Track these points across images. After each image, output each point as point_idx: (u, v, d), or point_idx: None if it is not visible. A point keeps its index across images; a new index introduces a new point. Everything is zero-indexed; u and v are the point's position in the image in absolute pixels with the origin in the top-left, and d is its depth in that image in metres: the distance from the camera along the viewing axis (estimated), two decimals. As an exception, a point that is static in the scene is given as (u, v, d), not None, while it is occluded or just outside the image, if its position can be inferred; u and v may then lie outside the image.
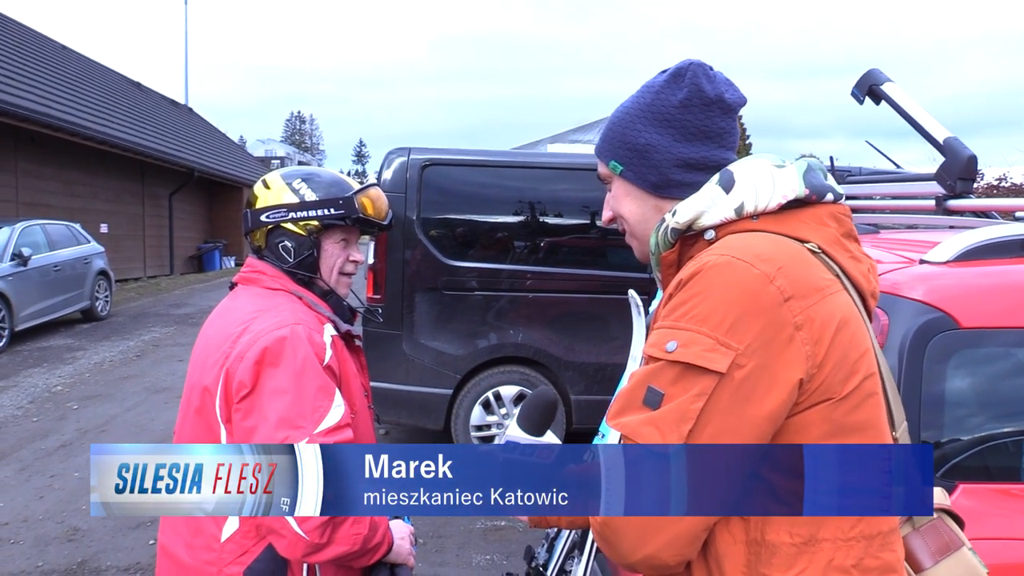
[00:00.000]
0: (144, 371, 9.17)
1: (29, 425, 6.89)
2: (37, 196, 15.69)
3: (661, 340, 1.13)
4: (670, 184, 1.29)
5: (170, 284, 19.92)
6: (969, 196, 2.49)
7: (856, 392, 1.11)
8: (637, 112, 1.31)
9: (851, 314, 1.15)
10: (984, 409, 1.93)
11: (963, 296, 1.89)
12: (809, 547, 1.10)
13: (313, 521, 1.53)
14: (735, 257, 1.12)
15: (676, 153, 1.27)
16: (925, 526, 1.32)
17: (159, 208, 21.84)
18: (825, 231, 1.22)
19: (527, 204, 5.76)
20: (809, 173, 1.23)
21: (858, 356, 1.13)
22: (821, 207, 1.24)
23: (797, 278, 1.10)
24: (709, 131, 1.28)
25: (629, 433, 1.11)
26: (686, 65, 1.29)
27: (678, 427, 1.06)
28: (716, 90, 1.27)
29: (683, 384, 1.08)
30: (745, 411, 1.06)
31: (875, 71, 2.80)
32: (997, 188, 18.96)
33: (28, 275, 10.94)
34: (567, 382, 5.61)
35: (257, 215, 1.86)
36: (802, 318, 1.08)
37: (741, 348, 1.06)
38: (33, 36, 20.66)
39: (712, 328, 1.08)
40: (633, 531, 1.09)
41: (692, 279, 1.13)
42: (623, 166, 1.33)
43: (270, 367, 1.63)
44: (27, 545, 4.48)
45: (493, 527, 4.78)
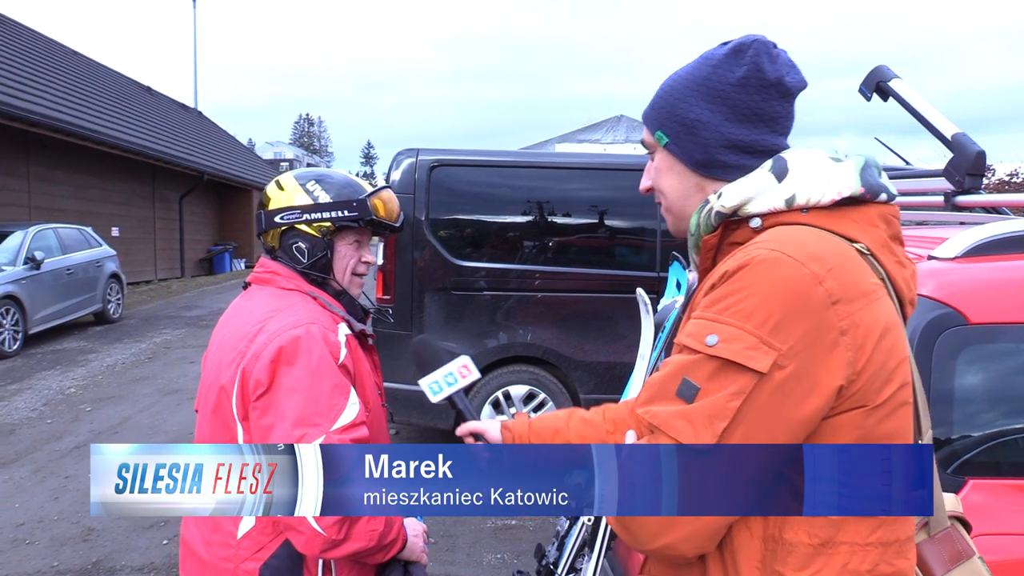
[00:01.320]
0: (156, 373, 9.23)
1: (43, 427, 6.95)
2: (49, 200, 15.81)
3: (701, 332, 1.10)
4: (715, 165, 1.24)
5: (181, 287, 20.02)
6: (978, 192, 2.49)
7: (890, 401, 1.09)
8: (691, 84, 1.24)
9: (893, 321, 1.12)
10: (993, 405, 1.93)
11: (972, 292, 1.89)
12: (826, 549, 1.09)
13: (331, 518, 1.54)
14: (785, 254, 1.08)
15: (726, 133, 1.22)
16: (939, 534, 1.31)
17: (169, 211, 21.96)
18: (875, 232, 1.18)
19: (536, 204, 5.77)
20: (866, 170, 1.19)
21: (896, 365, 1.10)
22: (873, 207, 1.19)
23: (846, 281, 1.07)
24: (764, 114, 1.22)
25: (659, 423, 1.09)
26: (749, 41, 1.23)
27: (712, 424, 1.05)
28: (777, 72, 1.21)
29: (721, 380, 1.06)
30: (781, 413, 1.04)
31: (882, 67, 2.79)
32: (1009, 184, 18.84)
33: (41, 278, 11.03)
34: (576, 381, 5.61)
35: (271, 216, 1.88)
36: (847, 323, 1.05)
37: (784, 349, 1.04)
38: (44, 42, 20.79)
39: (756, 326, 1.05)
40: (655, 520, 1.08)
41: (739, 272, 1.09)
42: (669, 138, 1.27)
43: (286, 365, 1.65)
44: (42, 545, 4.52)
45: (504, 526, 4.79)
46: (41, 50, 19.40)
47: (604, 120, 28.18)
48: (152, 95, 27.32)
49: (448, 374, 1.72)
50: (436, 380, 1.72)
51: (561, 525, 2.92)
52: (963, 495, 1.77)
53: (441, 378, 1.72)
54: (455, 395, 1.73)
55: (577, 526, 2.71)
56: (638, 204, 5.64)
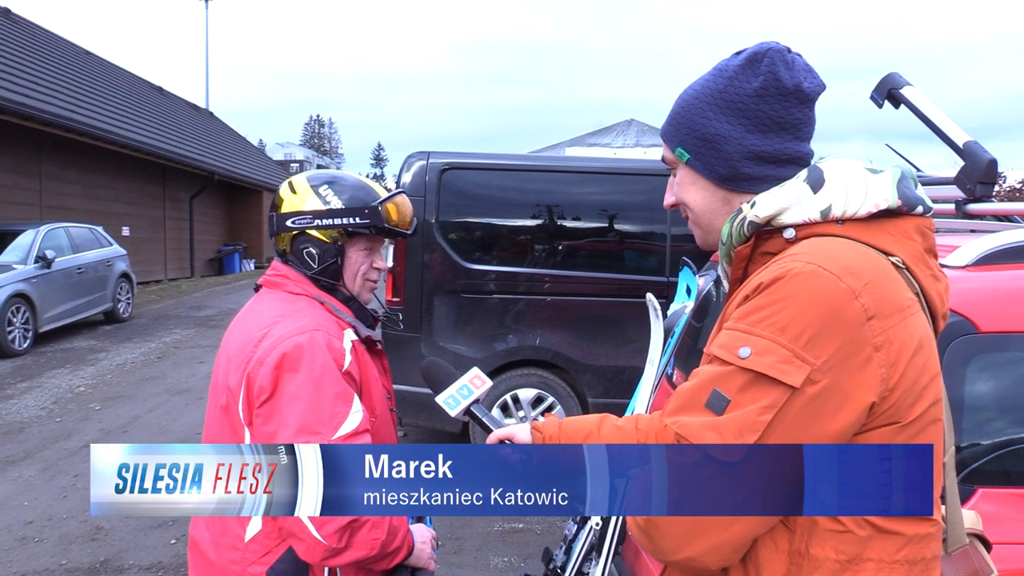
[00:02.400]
0: (165, 372, 9.27)
1: (52, 425, 6.99)
2: (60, 199, 15.91)
3: (734, 344, 1.08)
4: (740, 177, 1.22)
5: (191, 286, 20.10)
6: (989, 200, 2.48)
7: (922, 418, 1.08)
8: (708, 98, 1.23)
9: (927, 337, 1.10)
10: (1004, 414, 1.92)
11: (982, 300, 1.89)
12: (852, 565, 1.07)
13: (332, 526, 1.55)
14: (821, 267, 1.06)
15: (748, 145, 1.20)
16: (957, 552, 1.29)
17: (180, 211, 22.06)
18: (911, 246, 1.15)
19: (546, 207, 5.77)
20: (903, 182, 1.16)
21: (928, 381, 1.09)
22: (909, 219, 1.16)
23: (882, 296, 1.05)
24: (785, 122, 1.20)
25: (688, 435, 1.07)
26: (764, 50, 1.21)
27: (741, 437, 1.03)
28: (794, 79, 1.19)
29: (752, 393, 1.04)
30: (812, 428, 1.03)
31: (894, 75, 2.78)
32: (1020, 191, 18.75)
33: (52, 277, 11.10)
34: (585, 385, 5.61)
35: (283, 219, 1.86)
36: (882, 339, 1.03)
37: (817, 364, 1.02)
38: (57, 42, 20.94)
39: (790, 339, 1.03)
40: (679, 532, 1.07)
41: (774, 284, 1.08)
42: (690, 154, 1.25)
43: (289, 372, 1.65)
44: (51, 544, 4.55)
45: (511, 529, 4.80)
46: (54, 50, 19.53)
47: (615, 124, 28.18)
48: (164, 95, 27.46)
49: (462, 387, 1.71)
50: (452, 395, 1.71)
51: (569, 529, 2.92)
52: (972, 504, 1.76)
53: (456, 392, 1.71)
54: (473, 406, 1.72)
55: (585, 530, 2.71)
56: (648, 208, 5.64)
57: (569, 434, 1.51)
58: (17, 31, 18.10)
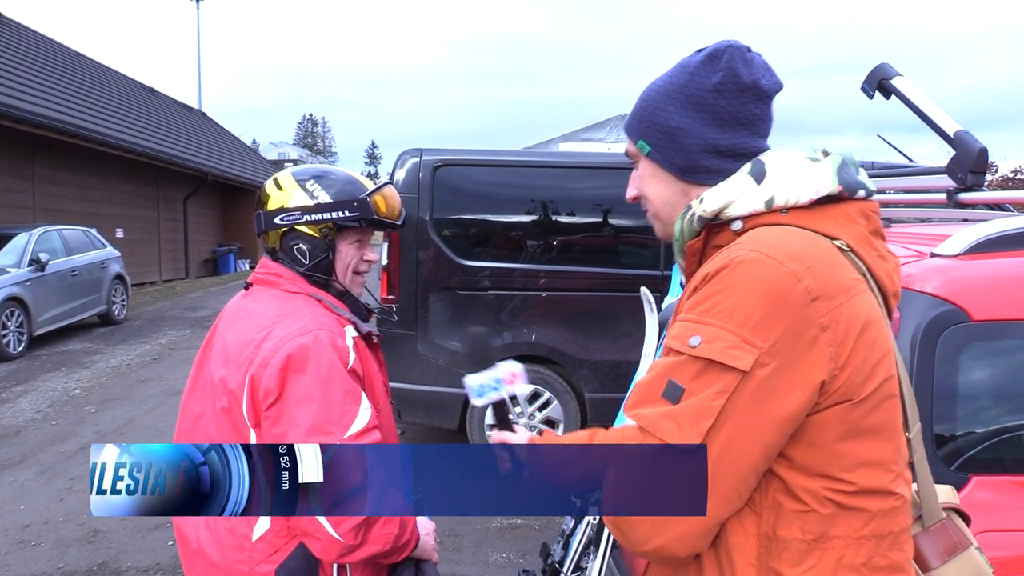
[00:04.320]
0: (161, 374, 9.25)
1: (48, 428, 6.97)
2: (54, 202, 15.85)
3: (684, 334, 1.12)
4: (698, 170, 1.26)
5: (185, 287, 20.06)
6: (980, 189, 2.48)
7: (875, 394, 1.10)
8: (669, 93, 1.27)
9: (875, 315, 1.13)
10: (997, 402, 1.92)
11: (974, 289, 1.89)
12: (820, 544, 1.10)
13: (348, 523, 1.56)
14: (764, 254, 1.10)
15: (706, 138, 1.24)
16: (934, 526, 1.32)
17: (174, 212, 22.00)
18: (854, 228, 1.20)
19: (540, 203, 5.77)
20: (843, 168, 1.21)
21: (879, 358, 1.12)
22: (852, 203, 1.21)
23: (825, 278, 1.09)
24: (742, 117, 1.24)
25: (647, 425, 1.10)
26: (723, 47, 1.25)
27: (697, 423, 1.06)
28: (752, 75, 1.23)
29: (705, 380, 1.08)
30: (765, 410, 1.06)
31: (884, 65, 2.78)
32: (1012, 180, 18.81)
33: (46, 280, 11.06)
34: (581, 380, 5.61)
35: (270, 217, 1.84)
36: (827, 319, 1.07)
37: (765, 347, 1.06)
38: (47, 44, 20.84)
39: (737, 325, 1.07)
40: (647, 522, 1.10)
41: (719, 274, 1.12)
42: (651, 147, 1.29)
43: (296, 374, 1.63)
44: (48, 547, 4.54)
45: (509, 525, 4.80)
46: (45, 52, 19.45)
47: (607, 119, 28.14)
48: (156, 96, 27.38)
49: (496, 379, 1.59)
50: (482, 383, 1.59)
51: (566, 524, 2.92)
52: (967, 492, 1.77)
53: (487, 380, 1.59)
54: (498, 402, 1.60)
55: (582, 525, 2.72)
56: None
57: None
58: (7, 34, 18.02)
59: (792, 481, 1.11)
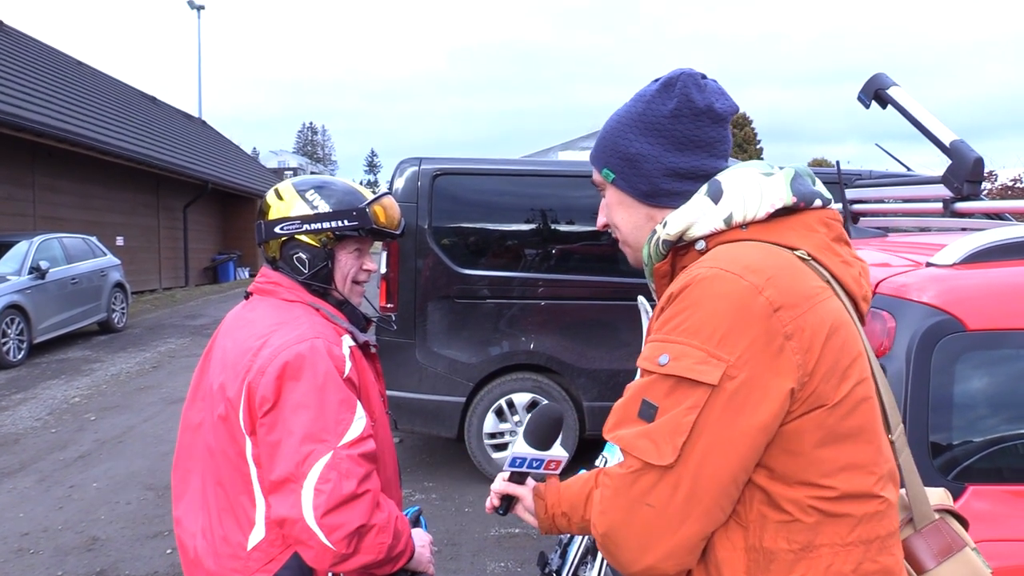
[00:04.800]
0: (160, 382, 9.25)
1: (48, 436, 6.96)
2: (54, 210, 15.87)
3: (653, 353, 1.14)
4: (660, 193, 1.30)
5: (185, 296, 20.06)
6: (977, 199, 2.50)
7: (848, 398, 1.12)
8: (629, 121, 1.31)
9: (842, 320, 1.15)
10: (992, 411, 1.92)
11: (970, 298, 1.89)
12: (807, 553, 1.11)
13: (341, 531, 1.56)
14: (724, 269, 1.12)
15: (666, 163, 1.28)
16: (927, 527, 1.32)
17: (174, 220, 22.02)
18: (814, 237, 1.22)
19: (538, 212, 5.78)
20: (796, 180, 1.24)
21: (849, 362, 1.13)
22: (810, 213, 1.24)
23: (786, 287, 1.11)
24: (699, 140, 1.27)
25: (625, 446, 1.13)
26: (677, 75, 1.29)
27: (672, 439, 1.08)
28: (706, 100, 1.27)
29: (676, 397, 1.09)
30: (738, 422, 1.07)
31: (881, 75, 2.80)
32: (1012, 189, 18.84)
33: (46, 288, 11.07)
34: (579, 389, 5.62)
35: (271, 227, 1.86)
36: (792, 327, 1.08)
37: (732, 359, 1.07)
38: (49, 53, 20.90)
39: (703, 340, 1.09)
40: (633, 542, 1.11)
41: (682, 292, 1.14)
42: (615, 174, 1.33)
43: (292, 381, 1.64)
44: (47, 555, 4.53)
45: (507, 534, 4.79)
46: (47, 61, 19.50)
47: (607, 127, 28.19)
48: (156, 105, 27.43)
49: (539, 460, 1.54)
50: (526, 458, 1.54)
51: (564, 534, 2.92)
52: (963, 502, 1.77)
53: (531, 458, 1.54)
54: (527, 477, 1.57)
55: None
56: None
57: (569, 500, 1.49)
58: (9, 43, 18.07)
59: (774, 492, 1.12)
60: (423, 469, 6.03)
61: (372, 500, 1.61)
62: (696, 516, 1.09)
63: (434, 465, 6.14)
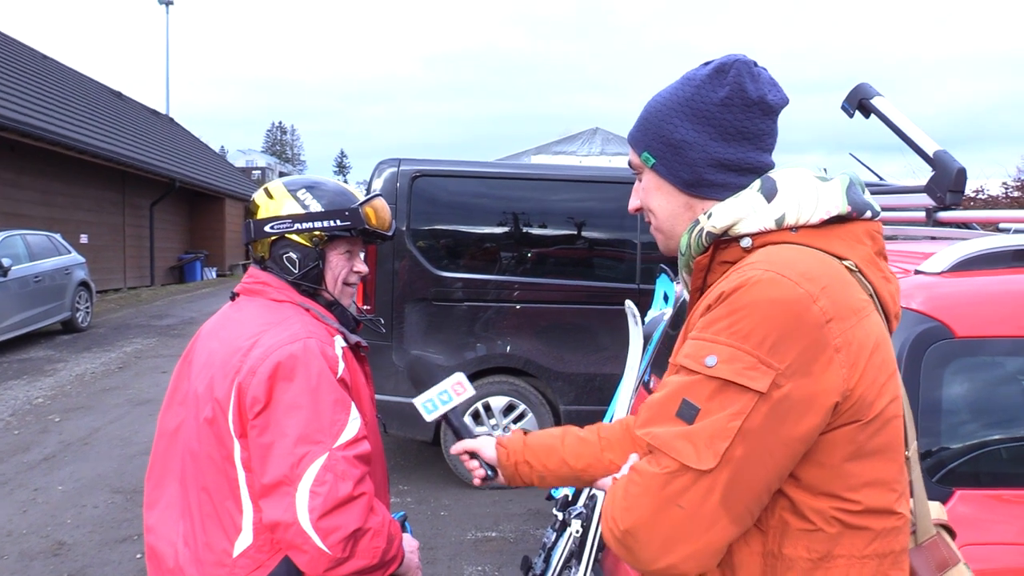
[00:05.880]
0: (126, 383, 9.08)
1: (10, 438, 6.80)
2: (16, 206, 15.51)
3: (700, 352, 1.11)
4: (703, 183, 1.25)
5: (151, 295, 19.75)
6: (959, 208, 2.54)
7: (882, 415, 1.11)
8: (675, 105, 1.26)
9: (882, 336, 1.14)
10: (980, 416, 1.96)
11: (958, 306, 1.93)
12: (824, 563, 1.11)
13: (337, 535, 1.53)
14: (780, 274, 1.09)
15: (712, 152, 1.23)
16: (927, 542, 1.34)
17: (140, 218, 21.66)
18: (861, 249, 1.20)
19: (516, 215, 5.78)
20: (851, 188, 1.21)
21: (886, 379, 1.12)
22: (859, 223, 1.21)
23: (838, 299, 1.09)
24: (748, 132, 1.23)
25: (661, 445, 1.10)
26: (731, 61, 1.24)
27: (713, 444, 1.06)
28: (759, 90, 1.23)
29: (721, 400, 1.07)
30: (780, 431, 1.06)
31: (865, 85, 2.84)
32: (974, 200, 19.29)
33: (8, 286, 10.81)
34: (556, 392, 5.62)
35: (260, 225, 1.83)
36: (841, 340, 1.07)
37: (782, 368, 1.05)
38: (12, 45, 20.48)
39: (754, 346, 1.06)
40: (657, 542, 1.09)
41: (735, 292, 1.11)
42: (656, 159, 1.28)
43: (284, 382, 1.61)
44: (11, 560, 4.42)
45: (484, 538, 4.77)
46: (9, 54, 19.09)
47: (580, 132, 28.28)
48: (123, 101, 27.01)
49: (442, 392, 1.72)
50: (431, 398, 1.72)
51: (547, 536, 2.91)
52: (950, 505, 1.80)
53: (435, 396, 1.72)
54: (450, 413, 1.73)
55: (564, 537, 2.71)
56: (618, 216, 5.67)
57: (534, 448, 1.56)
58: (-29, 34, 17.68)
59: (799, 500, 1.11)
60: (398, 472, 5.99)
61: (368, 503, 1.59)
62: (726, 522, 1.08)
63: (409, 469, 6.10)
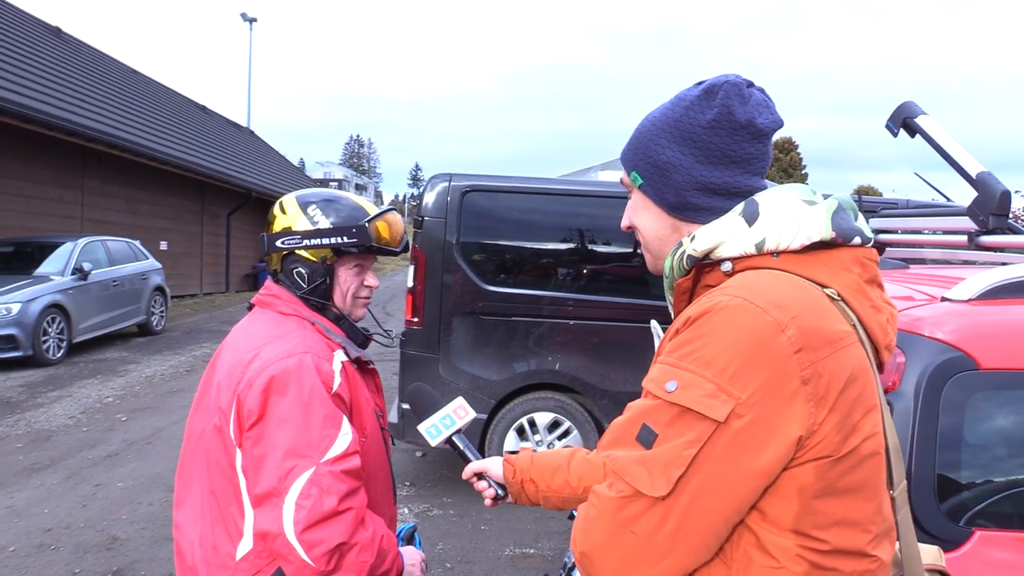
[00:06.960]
0: (192, 385, 9.37)
1: (79, 435, 7.10)
2: (102, 213, 16.27)
3: (662, 377, 1.09)
4: (688, 207, 1.23)
5: (225, 301, 20.39)
6: (1003, 232, 2.42)
7: (856, 452, 1.06)
8: (664, 126, 1.24)
9: (862, 369, 1.09)
10: (1003, 454, 1.85)
11: (984, 336, 1.82)
12: None
13: (321, 548, 1.54)
14: (748, 300, 1.06)
15: (697, 176, 1.20)
16: None
17: (217, 227, 22.43)
18: (847, 277, 1.15)
19: (567, 231, 5.76)
20: (838, 214, 1.16)
21: (862, 415, 1.07)
22: (846, 250, 1.16)
23: (810, 329, 1.04)
24: (735, 156, 1.20)
25: (617, 469, 1.07)
26: (720, 82, 1.21)
27: (667, 471, 1.03)
28: (748, 114, 1.19)
29: (678, 427, 1.04)
30: (738, 463, 1.02)
31: (910, 103, 2.74)
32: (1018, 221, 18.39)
33: (88, 289, 11.33)
34: (602, 410, 5.56)
35: (272, 240, 1.87)
36: (810, 372, 1.02)
37: (743, 397, 1.01)
38: (104, 60, 21.53)
39: (715, 373, 1.03)
40: (612, 567, 1.06)
41: (701, 318, 1.08)
42: (643, 180, 1.27)
43: (277, 395, 1.64)
44: (66, 551, 4.60)
45: (522, 554, 4.75)
46: (101, 68, 20.07)
47: (649, 148, 28.07)
48: (207, 114, 28.04)
49: (445, 416, 1.74)
50: (434, 424, 1.74)
51: (569, 556, 2.87)
52: (969, 546, 1.70)
53: (438, 421, 1.74)
54: (455, 436, 1.74)
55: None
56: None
57: (539, 467, 1.55)
58: (67, 50, 18.64)
59: (764, 536, 1.07)
60: (443, 484, 6.01)
61: (355, 518, 1.60)
62: (681, 552, 1.04)
63: (454, 481, 6.12)
